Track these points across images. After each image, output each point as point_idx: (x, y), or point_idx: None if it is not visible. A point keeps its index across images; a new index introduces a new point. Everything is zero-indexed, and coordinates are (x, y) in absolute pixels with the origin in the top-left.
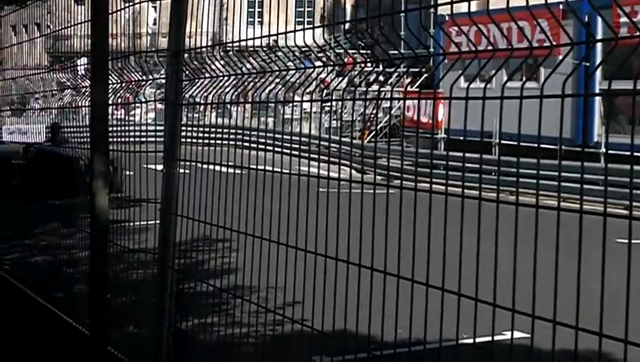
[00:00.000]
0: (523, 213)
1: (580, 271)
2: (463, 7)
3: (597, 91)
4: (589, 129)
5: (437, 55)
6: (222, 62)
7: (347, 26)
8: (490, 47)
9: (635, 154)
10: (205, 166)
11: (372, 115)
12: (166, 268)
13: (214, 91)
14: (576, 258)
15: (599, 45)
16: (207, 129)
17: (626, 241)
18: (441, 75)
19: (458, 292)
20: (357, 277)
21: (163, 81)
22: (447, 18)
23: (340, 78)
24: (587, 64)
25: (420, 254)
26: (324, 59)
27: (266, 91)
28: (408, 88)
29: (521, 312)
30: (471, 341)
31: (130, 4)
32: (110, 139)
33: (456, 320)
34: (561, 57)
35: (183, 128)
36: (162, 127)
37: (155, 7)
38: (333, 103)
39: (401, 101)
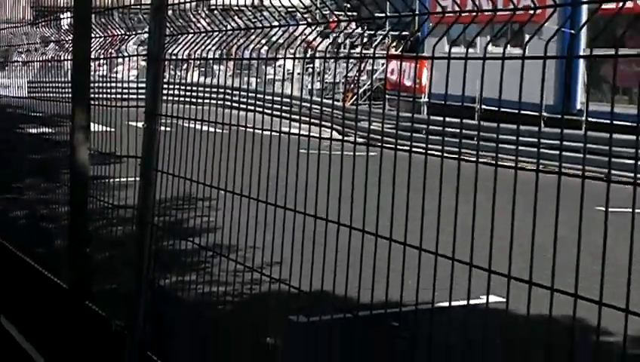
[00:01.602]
0: (503, 181)
1: (557, 235)
2: None
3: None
4: (572, 97)
5: (421, 15)
6: (206, 20)
7: None
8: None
9: (616, 122)
10: (187, 124)
11: (355, 78)
12: (145, 224)
13: (198, 49)
14: (555, 222)
15: (584, 12)
16: (189, 88)
17: (609, 209)
18: (423, 37)
19: (435, 252)
20: (336, 237)
21: (146, 37)
22: None
23: (325, 39)
24: (572, 31)
25: (398, 215)
26: (309, 19)
27: (250, 49)
28: (392, 51)
29: (496, 272)
30: (447, 304)
31: None
32: (92, 95)
33: (433, 280)
34: (542, 23)
35: (166, 86)
36: (144, 84)
37: None
38: (317, 65)
39: (385, 64)
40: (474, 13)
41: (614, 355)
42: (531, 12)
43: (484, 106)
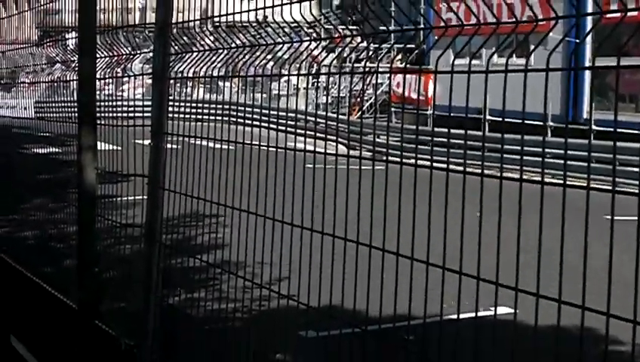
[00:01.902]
0: (509, 192)
1: (563, 246)
2: None
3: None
4: (579, 106)
5: (424, 29)
6: (211, 37)
7: (337, 2)
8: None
9: (623, 130)
10: (193, 141)
11: (360, 92)
12: (154, 242)
13: (203, 66)
14: (560, 233)
15: (589, 23)
16: (196, 105)
17: (616, 218)
18: (428, 50)
19: (442, 266)
20: (343, 252)
21: (152, 55)
22: None
23: (330, 54)
24: (577, 40)
25: (405, 229)
26: (314, 35)
27: (255, 66)
28: (397, 64)
29: (504, 286)
30: (455, 316)
31: None
32: (98, 114)
33: (441, 295)
34: (549, 34)
35: (172, 103)
36: (151, 102)
37: None
38: (323, 79)
39: (390, 77)
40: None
41: None
42: (534, 24)
43: (490, 117)
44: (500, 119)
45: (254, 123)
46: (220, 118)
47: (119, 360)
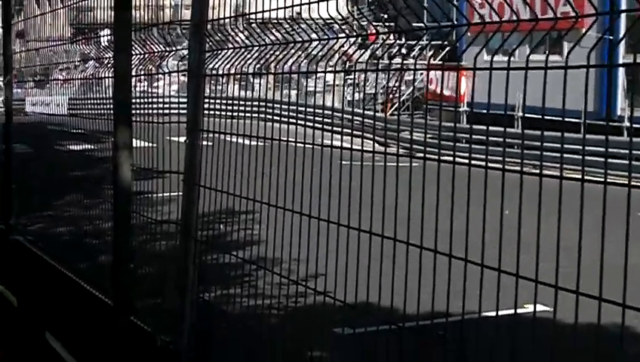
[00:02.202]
0: (548, 190)
1: (604, 244)
2: None
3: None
4: (613, 103)
5: (460, 26)
6: (244, 34)
7: None
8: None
9: None
10: (228, 138)
11: (395, 88)
12: (189, 239)
13: (237, 63)
14: (600, 231)
15: (623, 20)
16: (230, 101)
17: None
18: (464, 47)
19: (481, 264)
20: (380, 249)
21: (186, 52)
22: None
23: (363, 51)
24: (611, 37)
25: (443, 227)
26: (347, 31)
27: (289, 63)
28: (431, 61)
29: (543, 283)
30: (494, 314)
31: None
32: (133, 111)
33: (479, 292)
34: (584, 30)
35: (206, 100)
36: (185, 99)
37: None
38: (356, 76)
39: (424, 74)
40: (514, 23)
41: None
42: (572, 20)
43: (524, 115)
44: (537, 116)
45: (289, 120)
46: (253, 115)
47: (155, 356)
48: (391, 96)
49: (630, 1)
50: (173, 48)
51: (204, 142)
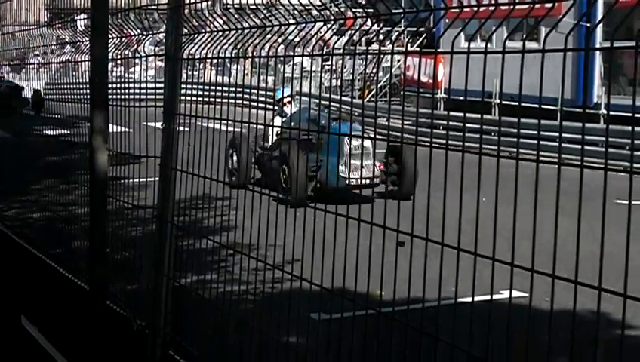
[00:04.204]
0: (524, 177)
1: (580, 228)
2: None
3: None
4: (589, 90)
5: (438, 10)
6: (222, 19)
7: None
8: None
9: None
10: (205, 123)
11: (372, 74)
12: (165, 222)
13: (214, 48)
14: (576, 216)
15: (600, 6)
16: (206, 87)
17: (625, 203)
18: (441, 32)
19: (457, 247)
20: (357, 235)
21: (163, 37)
22: None
23: (341, 37)
24: (588, 25)
25: (420, 211)
26: (325, 16)
27: (266, 48)
28: (409, 47)
29: (520, 266)
30: (470, 299)
31: None
32: (109, 96)
33: (455, 276)
34: (561, 17)
35: (183, 86)
36: (162, 84)
37: None
38: (334, 62)
39: (401, 60)
40: (491, 8)
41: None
42: (548, 6)
43: (501, 102)
44: (514, 103)
45: (266, 105)
46: (231, 100)
47: (131, 340)
48: (368, 83)
49: None
50: (150, 32)
51: (180, 128)
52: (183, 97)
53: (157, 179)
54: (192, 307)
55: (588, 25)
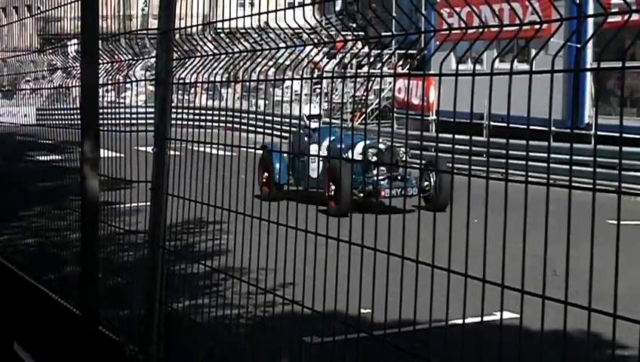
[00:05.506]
0: (513, 198)
1: (569, 248)
2: None
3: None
4: (580, 111)
5: (427, 32)
6: (213, 44)
7: (339, 6)
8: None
9: (625, 135)
10: (196, 147)
11: (363, 97)
12: (157, 247)
13: (205, 72)
14: (566, 237)
15: (590, 26)
16: (197, 111)
17: (616, 223)
18: (431, 54)
19: (448, 269)
20: (347, 256)
21: (154, 62)
22: None
23: (332, 60)
24: (578, 45)
25: (410, 233)
26: (316, 40)
27: (256, 72)
28: (399, 70)
29: (510, 287)
30: (460, 321)
31: None
32: (100, 121)
33: (446, 298)
34: (548, 38)
35: (174, 110)
36: (153, 109)
37: None
38: (325, 85)
39: (392, 83)
40: (480, 30)
41: None
42: (537, 27)
43: (492, 123)
44: (502, 124)
45: (256, 129)
46: (222, 124)
47: None
48: (359, 105)
49: (597, 9)
50: (141, 57)
51: (172, 152)
52: (174, 121)
53: (149, 203)
54: (185, 331)
55: (578, 45)
